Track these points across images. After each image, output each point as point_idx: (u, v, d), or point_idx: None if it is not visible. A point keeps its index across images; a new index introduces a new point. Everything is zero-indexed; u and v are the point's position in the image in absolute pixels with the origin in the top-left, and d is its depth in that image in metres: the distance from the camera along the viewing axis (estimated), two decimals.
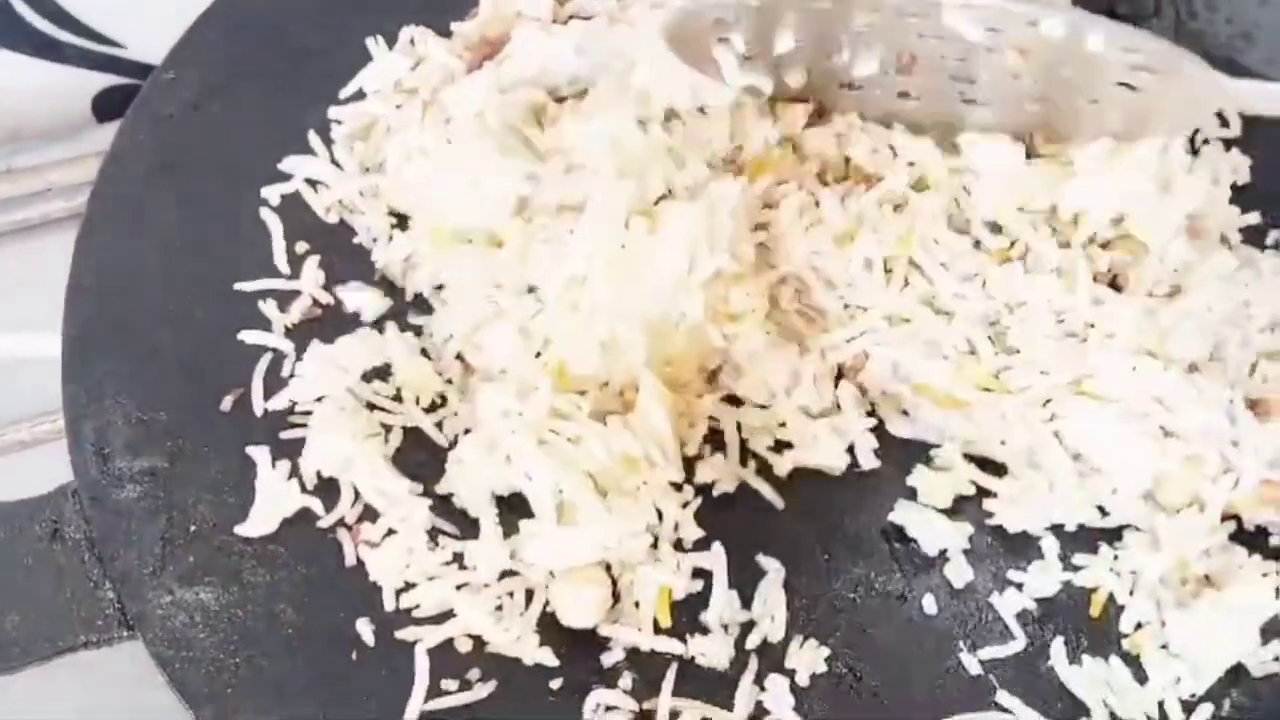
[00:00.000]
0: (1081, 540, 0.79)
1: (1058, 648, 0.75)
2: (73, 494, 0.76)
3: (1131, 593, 0.77)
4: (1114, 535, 0.79)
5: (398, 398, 0.81)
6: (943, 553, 0.78)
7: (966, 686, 0.74)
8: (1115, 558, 0.78)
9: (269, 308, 0.83)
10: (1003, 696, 0.73)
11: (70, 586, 0.73)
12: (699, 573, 0.76)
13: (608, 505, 0.74)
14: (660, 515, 0.76)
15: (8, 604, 0.73)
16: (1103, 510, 0.79)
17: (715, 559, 0.76)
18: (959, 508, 0.80)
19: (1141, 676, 0.74)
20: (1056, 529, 0.79)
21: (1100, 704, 0.73)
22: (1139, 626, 0.76)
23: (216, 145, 0.89)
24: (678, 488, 0.78)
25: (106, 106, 1.11)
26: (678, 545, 0.77)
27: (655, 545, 0.76)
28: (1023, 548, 0.79)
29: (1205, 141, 0.93)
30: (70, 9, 1.04)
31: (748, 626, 0.76)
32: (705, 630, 0.75)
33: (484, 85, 0.86)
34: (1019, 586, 0.78)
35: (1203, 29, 0.96)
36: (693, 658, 0.74)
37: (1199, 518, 0.76)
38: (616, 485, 0.76)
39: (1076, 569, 0.78)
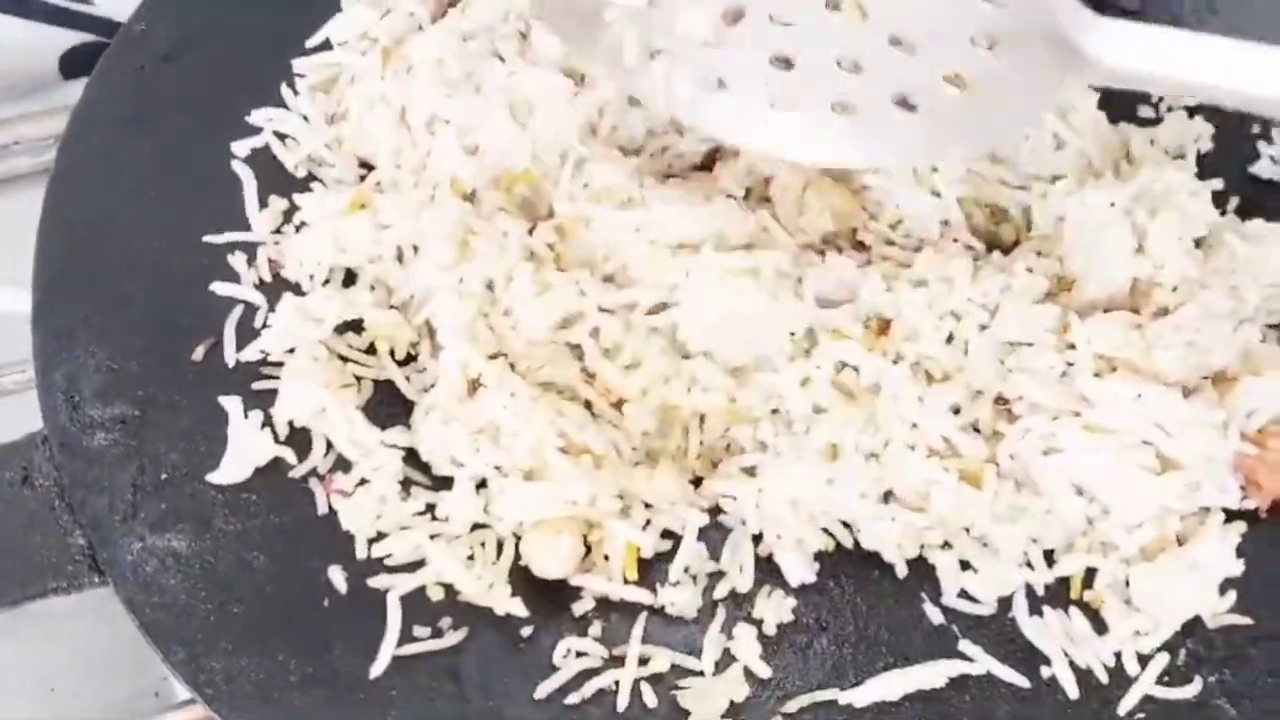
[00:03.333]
0: None
1: (1019, 600, 0.76)
2: (42, 441, 0.76)
3: (1104, 557, 0.77)
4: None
5: (371, 350, 0.81)
6: None
7: (929, 635, 0.75)
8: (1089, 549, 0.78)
9: (238, 260, 0.83)
10: (965, 645, 0.75)
11: (40, 532, 0.74)
12: (669, 534, 0.77)
13: (577, 465, 0.75)
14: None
15: None
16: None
17: (687, 511, 0.76)
18: None
19: (1101, 627, 0.75)
20: None
21: (1059, 653, 0.74)
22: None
23: (188, 97, 0.89)
24: None
25: (73, 64, 1.10)
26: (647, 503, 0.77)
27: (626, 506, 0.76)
28: None
29: (1169, 109, 0.94)
30: None
31: (716, 578, 0.77)
32: (675, 581, 0.76)
33: (444, 33, 0.85)
34: None
35: None
36: (662, 607, 0.75)
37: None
38: (585, 447, 0.76)
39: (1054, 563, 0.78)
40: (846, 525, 0.77)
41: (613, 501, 0.75)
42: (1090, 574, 0.77)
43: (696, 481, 0.79)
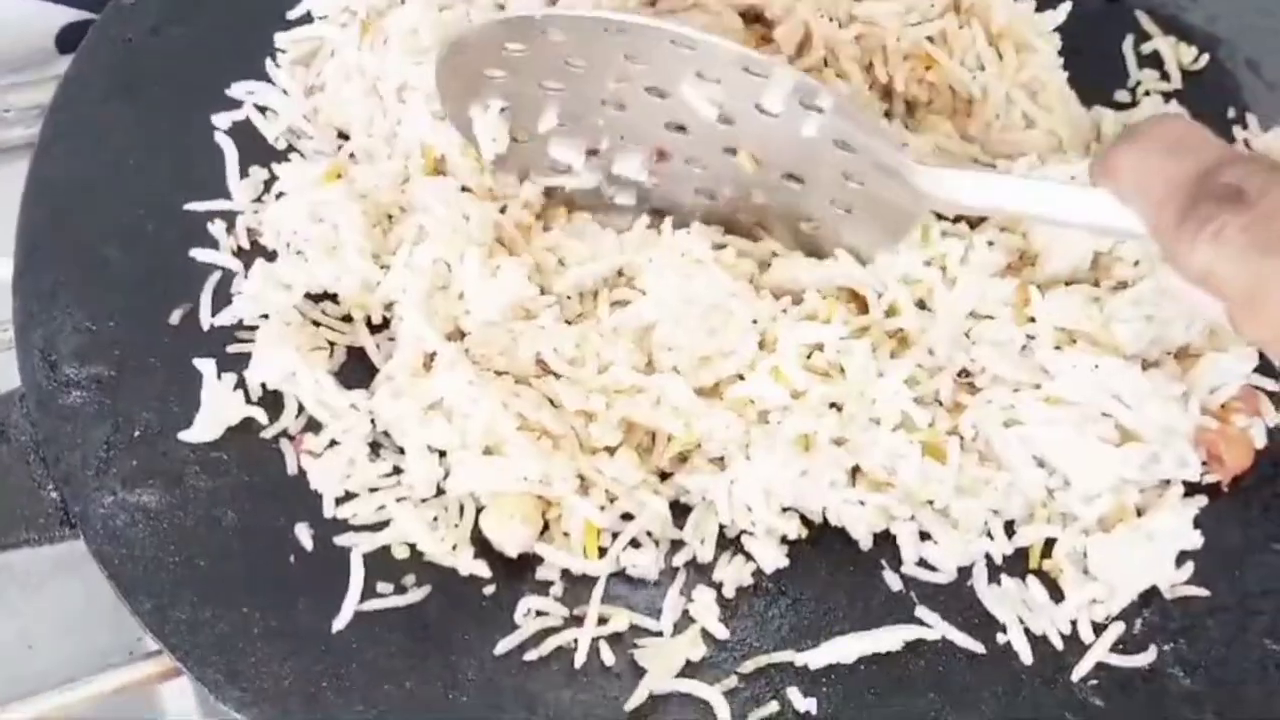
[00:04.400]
0: None
1: (979, 568, 0.77)
2: (19, 398, 0.77)
3: (1064, 528, 0.78)
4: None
5: (347, 318, 0.82)
6: None
7: (887, 601, 0.76)
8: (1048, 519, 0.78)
9: (217, 229, 0.84)
10: (922, 611, 0.76)
11: (15, 486, 0.75)
12: (629, 516, 0.77)
13: (536, 444, 0.75)
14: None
15: None
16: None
17: (648, 497, 0.76)
18: None
19: (1058, 595, 0.76)
20: None
21: (1015, 619, 0.75)
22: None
23: (174, 70, 0.90)
24: None
25: (70, 40, 1.11)
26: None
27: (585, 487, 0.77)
28: None
29: (1146, 94, 0.95)
30: None
31: (678, 545, 0.77)
32: (636, 544, 0.77)
33: (422, 4, 0.86)
34: None
35: None
36: (623, 569, 0.76)
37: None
38: (542, 427, 0.77)
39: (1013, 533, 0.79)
40: None
41: (570, 482, 0.75)
42: (1049, 544, 0.78)
43: (663, 475, 0.79)
